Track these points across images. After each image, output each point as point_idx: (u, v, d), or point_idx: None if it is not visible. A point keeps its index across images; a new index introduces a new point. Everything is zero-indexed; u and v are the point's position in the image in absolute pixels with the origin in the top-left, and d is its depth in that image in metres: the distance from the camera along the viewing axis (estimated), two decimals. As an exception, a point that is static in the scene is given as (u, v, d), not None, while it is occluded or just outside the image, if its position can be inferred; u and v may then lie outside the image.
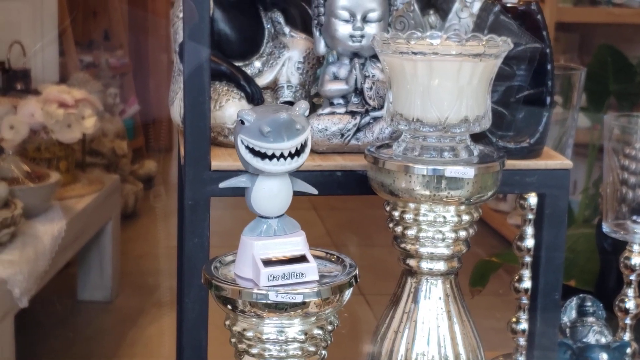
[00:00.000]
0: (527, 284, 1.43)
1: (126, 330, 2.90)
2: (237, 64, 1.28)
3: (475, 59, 1.03)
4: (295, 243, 0.95)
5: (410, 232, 1.09)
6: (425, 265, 1.10)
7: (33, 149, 2.87)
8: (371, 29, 1.20)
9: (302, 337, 0.94)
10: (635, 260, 1.33)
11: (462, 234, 1.09)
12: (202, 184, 1.16)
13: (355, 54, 1.22)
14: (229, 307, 0.93)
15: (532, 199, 1.41)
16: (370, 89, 1.22)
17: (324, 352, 0.98)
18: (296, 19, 1.34)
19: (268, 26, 1.32)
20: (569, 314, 1.43)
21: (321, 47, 1.24)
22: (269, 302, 0.91)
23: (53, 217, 2.61)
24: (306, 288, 0.92)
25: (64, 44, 3.84)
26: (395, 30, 1.24)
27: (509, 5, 1.21)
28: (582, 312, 1.44)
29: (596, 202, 2.55)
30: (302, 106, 0.95)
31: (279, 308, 0.91)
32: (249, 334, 0.94)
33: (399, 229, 1.10)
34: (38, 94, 2.90)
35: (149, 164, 4.27)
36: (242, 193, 0.97)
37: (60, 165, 2.92)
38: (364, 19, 1.20)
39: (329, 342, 0.98)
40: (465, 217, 1.08)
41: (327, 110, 1.22)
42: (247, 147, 0.93)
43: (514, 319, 1.46)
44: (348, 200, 4.01)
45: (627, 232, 1.33)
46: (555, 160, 1.23)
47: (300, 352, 0.95)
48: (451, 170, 1.03)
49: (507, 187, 1.20)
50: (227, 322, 0.96)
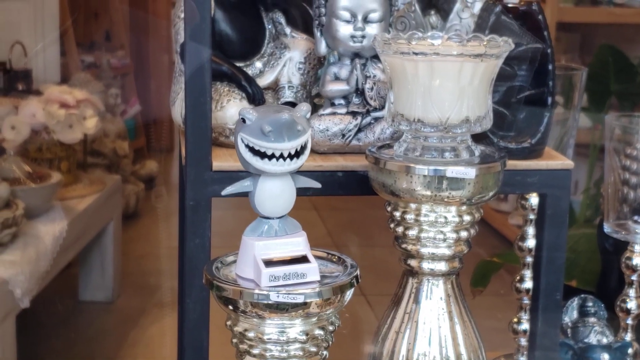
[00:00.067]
0: (528, 284, 1.43)
1: (127, 330, 2.90)
2: (238, 64, 1.28)
3: (477, 60, 1.02)
4: (297, 243, 0.95)
5: (412, 233, 1.09)
6: (426, 265, 1.10)
7: (34, 149, 2.87)
8: (372, 30, 1.20)
9: (304, 337, 0.94)
10: (637, 260, 1.33)
11: (464, 234, 1.09)
12: (203, 185, 1.16)
13: (356, 55, 1.22)
14: (230, 307, 0.93)
15: (534, 199, 1.41)
16: (372, 89, 1.22)
17: (325, 352, 0.97)
18: (297, 19, 1.34)
19: (269, 27, 1.32)
20: (570, 315, 1.43)
21: (322, 48, 1.24)
22: (270, 302, 0.91)
23: (54, 218, 2.61)
24: (307, 288, 0.92)
25: (66, 45, 3.84)
26: (397, 31, 1.24)
27: (510, 5, 1.21)
28: (583, 313, 1.43)
29: (597, 203, 2.55)
30: (304, 109, 0.95)
31: (280, 308, 0.91)
32: (250, 335, 0.94)
33: (400, 230, 1.10)
34: (39, 95, 2.90)
35: (150, 164, 4.27)
36: (243, 194, 0.97)
37: (62, 165, 2.92)
38: (365, 20, 1.20)
39: (330, 342, 0.98)
40: (467, 218, 1.08)
41: (328, 110, 1.22)
42: (247, 146, 0.93)
43: (515, 319, 1.46)
44: (349, 201, 4.01)
45: (629, 232, 1.33)
46: (556, 161, 1.23)
47: (301, 353, 0.95)
48: (452, 171, 1.03)
49: (508, 188, 1.20)
50: (229, 323, 0.96)
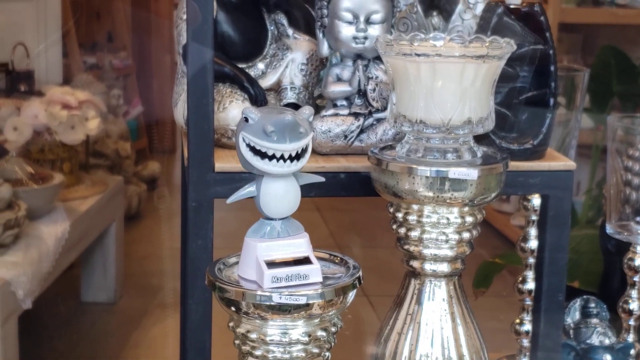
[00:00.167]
0: (530, 285, 1.43)
1: (130, 331, 2.90)
2: (240, 65, 1.28)
3: (479, 61, 1.02)
4: (299, 245, 0.95)
5: (414, 234, 1.09)
6: (428, 266, 1.10)
7: (36, 150, 2.87)
8: (374, 31, 1.20)
9: (306, 338, 0.94)
10: (639, 261, 1.33)
11: (466, 235, 1.09)
12: (206, 186, 1.16)
13: (358, 56, 1.22)
14: (233, 308, 0.93)
15: (536, 200, 1.41)
16: (374, 90, 1.22)
17: (327, 353, 0.97)
18: (299, 20, 1.34)
19: (271, 28, 1.32)
20: (572, 315, 1.43)
21: (324, 49, 1.24)
22: (272, 303, 0.91)
23: (57, 219, 2.61)
24: (310, 290, 0.92)
25: (68, 46, 3.84)
26: (399, 32, 1.24)
27: (512, 6, 1.21)
28: (585, 314, 1.43)
29: (600, 203, 2.54)
30: (307, 112, 0.95)
31: (282, 310, 0.91)
32: (253, 336, 0.94)
33: (402, 231, 1.10)
34: (41, 96, 2.90)
35: (152, 165, 4.27)
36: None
37: (64, 166, 2.92)
38: (367, 21, 1.20)
39: (333, 343, 0.98)
40: (469, 219, 1.08)
41: (331, 111, 1.22)
42: (248, 145, 0.93)
43: (517, 321, 1.46)
44: (351, 202, 4.01)
45: (631, 233, 1.32)
46: (558, 162, 1.23)
47: (303, 354, 0.95)
48: (455, 172, 1.03)
49: (510, 189, 1.20)
50: (231, 324, 0.96)
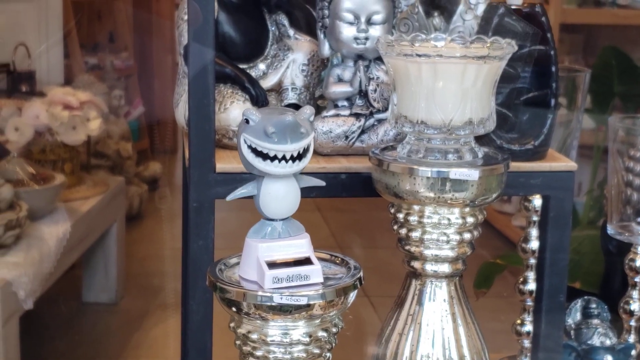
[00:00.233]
0: (531, 285, 1.43)
1: (131, 332, 2.90)
2: (241, 66, 1.28)
3: (480, 61, 1.02)
4: (300, 245, 0.95)
5: (415, 234, 1.09)
6: (429, 267, 1.10)
7: (38, 150, 2.87)
8: (375, 31, 1.20)
9: (307, 339, 0.94)
10: (640, 262, 1.33)
11: (467, 236, 1.09)
12: (207, 186, 1.16)
13: (359, 56, 1.22)
14: (234, 309, 0.93)
15: (537, 201, 1.41)
16: (375, 91, 1.22)
17: (328, 354, 0.98)
18: (300, 21, 1.34)
19: (272, 28, 1.32)
20: (573, 316, 1.43)
21: (325, 50, 1.24)
22: (273, 304, 0.91)
23: (58, 219, 2.61)
24: (311, 290, 0.92)
25: (69, 46, 3.84)
26: (400, 33, 1.24)
27: (513, 7, 1.21)
28: (586, 314, 1.43)
29: (601, 204, 2.54)
30: (307, 112, 0.95)
31: (283, 310, 0.91)
32: (254, 336, 0.94)
33: (403, 231, 1.10)
34: (43, 96, 2.90)
35: (153, 165, 4.27)
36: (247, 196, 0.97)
37: (65, 167, 2.92)
38: (369, 21, 1.20)
39: (334, 344, 0.98)
40: (470, 219, 1.08)
41: (332, 112, 1.22)
42: (249, 147, 0.93)
43: (518, 321, 1.46)
44: (352, 202, 4.01)
45: (632, 234, 1.32)
46: (559, 162, 1.23)
47: (304, 355, 0.95)
48: (456, 172, 1.03)
49: (511, 189, 1.20)
50: (232, 325, 0.96)
